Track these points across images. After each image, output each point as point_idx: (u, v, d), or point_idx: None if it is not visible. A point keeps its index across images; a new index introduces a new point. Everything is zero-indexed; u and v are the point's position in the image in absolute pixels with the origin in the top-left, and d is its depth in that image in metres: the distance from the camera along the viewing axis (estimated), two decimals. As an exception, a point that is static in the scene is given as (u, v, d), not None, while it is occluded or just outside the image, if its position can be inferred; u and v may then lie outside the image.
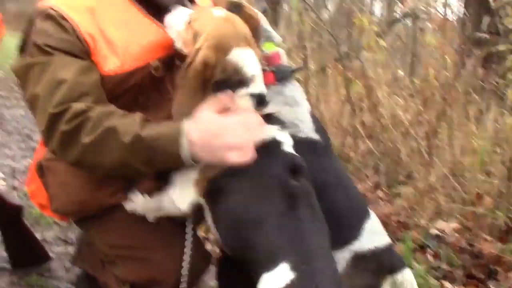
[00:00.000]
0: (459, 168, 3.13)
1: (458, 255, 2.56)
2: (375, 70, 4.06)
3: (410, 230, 2.80)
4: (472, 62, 3.46)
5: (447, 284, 2.34)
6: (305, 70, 4.24)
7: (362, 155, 3.98)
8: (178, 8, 1.42)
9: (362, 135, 3.95)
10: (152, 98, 1.49)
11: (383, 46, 3.76)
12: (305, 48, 4.44)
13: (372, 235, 1.43)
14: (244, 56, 1.30)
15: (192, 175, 1.32)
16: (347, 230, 1.42)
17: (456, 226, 2.76)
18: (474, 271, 2.44)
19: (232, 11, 1.41)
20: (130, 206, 1.47)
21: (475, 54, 3.54)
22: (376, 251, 1.41)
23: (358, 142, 4.05)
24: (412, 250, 2.56)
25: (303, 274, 1.12)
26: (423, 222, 2.84)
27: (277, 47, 1.54)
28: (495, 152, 3.09)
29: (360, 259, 1.40)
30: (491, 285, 2.35)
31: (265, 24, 1.56)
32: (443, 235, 2.72)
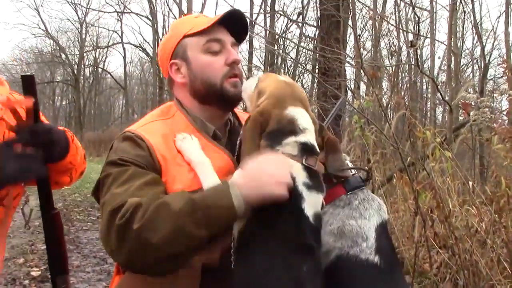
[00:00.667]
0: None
1: None
2: (443, 179, 4.02)
3: None
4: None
5: None
6: (370, 183, 4.24)
7: (438, 267, 3.83)
8: (253, 76, 1.60)
9: (435, 246, 3.83)
10: None
11: (449, 156, 3.74)
12: (369, 161, 4.49)
13: None
14: (298, 112, 1.43)
15: None
16: None
17: None
18: None
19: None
20: None
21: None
22: None
23: (432, 254, 3.91)
24: None
25: None
26: None
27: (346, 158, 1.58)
28: None
29: None
30: None
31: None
32: None
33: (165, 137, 1.55)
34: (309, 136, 1.41)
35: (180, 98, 1.72)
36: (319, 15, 10.03)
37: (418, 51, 10.72)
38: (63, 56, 35.56)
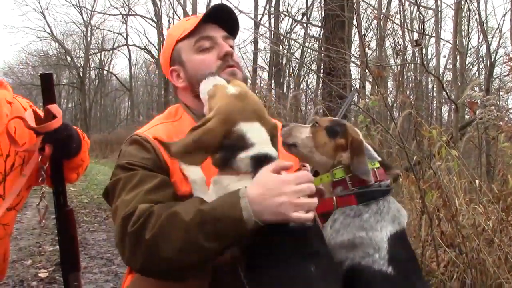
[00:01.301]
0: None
1: None
2: (449, 178, 4.00)
3: None
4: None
5: None
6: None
7: (445, 266, 3.81)
8: (209, 78, 1.52)
9: (442, 245, 3.81)
10: None
11: (455, 155, 3.73)
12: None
13: None
14: (248, 128, 1.38)
15: None
16: None
17: None
18: None
19: (333, 130, 1.53)
20: None
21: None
22: None
23: (439, 252, 3.90)
24: None
25: None
26: None
27: (370, 166, 1.51)
28: None
29: None
30: None
31: (365, 143, 1.56)
32: None
33: (171, 139, 1.56)
34: (259, 147, 1.38)
35: (185, 102, 1.74)
36: (323, 15, 10.03)
37: (424, 50, 10.70)
38: (69, 59, 35.78)
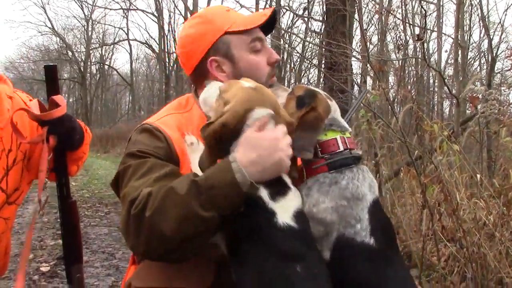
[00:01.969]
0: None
1: None
2: (451, 173, 4.01)
3: None
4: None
5: None
6: (379, 177, 4.24)
7: (446, 261, 3.82)
8: (211, 83, 1.50)
9: (443, 239, 3.82)
10: None
11: (456, 150, 3.73)
12: (376, 155, 4.48)
13: None
14: (264, 112, 1.36)
15: None
16: None
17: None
18: None
19: (302, 101, 1.48)
20: None
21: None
22: None
23: (440, 247, 3.91)
24: None
25: None
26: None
27: (339, 134, 1.48)
28: None
29: None
30: None
31: (336, 116, 1.51)
32: None
33: (181, 131, 1.56)
34: None
35: None
36: (325, 9, 10.02)
37: (425, 44, 10.68)
38: (70, 53, 35.74)
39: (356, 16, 8.49)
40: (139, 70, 41.77)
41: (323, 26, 10.65)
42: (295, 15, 16.79)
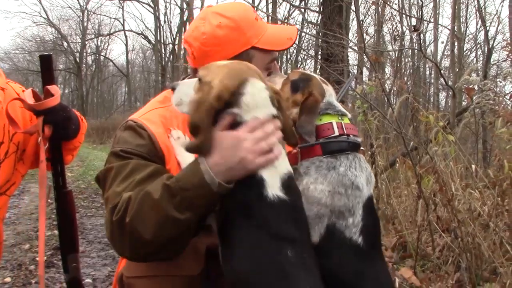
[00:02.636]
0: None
1: None
2: (446, 163, 4.03)
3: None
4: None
5: None
6: (375, 167, 4.26)
7: (440, 251, 3.85)
8: (178, 84, 1.43)
9: (438, 230, 3.85)
10: None
11: (452, 140, 3.75)
12: (372, 146, 4.50)
13: None
14: (255, 85, 1.32)
15: None
16: None
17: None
18: None
19: (297, 85, 1.48)
20: None
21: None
22: None
23: (435, 237, 3.93)
24: None
25: None
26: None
27: (336, 119, 1.47)
28: None
29: None
30: None
31: (331, 99, 1.50)
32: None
33: (166, 126, 1.55)
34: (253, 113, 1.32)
35: None
36: (321, 0, 9.98)
37: (421, 36, 10.67)
38: (65, 44, 35.56)
39: (352, 7, 8.47)
40: (135, 61, 41.70)
41: (320, 17, 10.63)
42: (291, 6, 16.73)
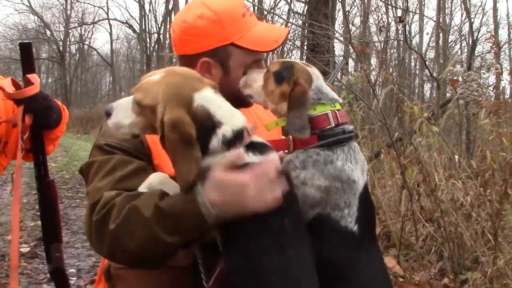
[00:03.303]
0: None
1: None
2: (430, 154, 4.06)
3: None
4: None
5: None
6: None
7: (423, 240, 3.90)
8: (113, 108, 1.35)
9: (421, 219, 3.89)
10: None
11: (436, 131, 3.78)
12: (357, 136, 4.52)
13: None
14: (208, 97, 1.26)
15: None
16: None
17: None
18: None
19: (280, 75, 1.40)
20: None
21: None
22: None
23: (418, 227, 3.98)
24: None
25: None
26: (495, 310, 2.71)
27: (330, 108, 1.40)
28: None
29: None
30: None
31: (320, 83, 1.43)
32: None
33: None
34: (232, 122, 1.26)
35: None
36: (307, -10, 9.95)
37: (407, 27, 10.72)
38: (48, 32, 35.03)
39: (338, -3, 8.48)
40: (120, 50, 41.22)
41: (306, 8, 10.61)
42: (277, -4, 16.68)
